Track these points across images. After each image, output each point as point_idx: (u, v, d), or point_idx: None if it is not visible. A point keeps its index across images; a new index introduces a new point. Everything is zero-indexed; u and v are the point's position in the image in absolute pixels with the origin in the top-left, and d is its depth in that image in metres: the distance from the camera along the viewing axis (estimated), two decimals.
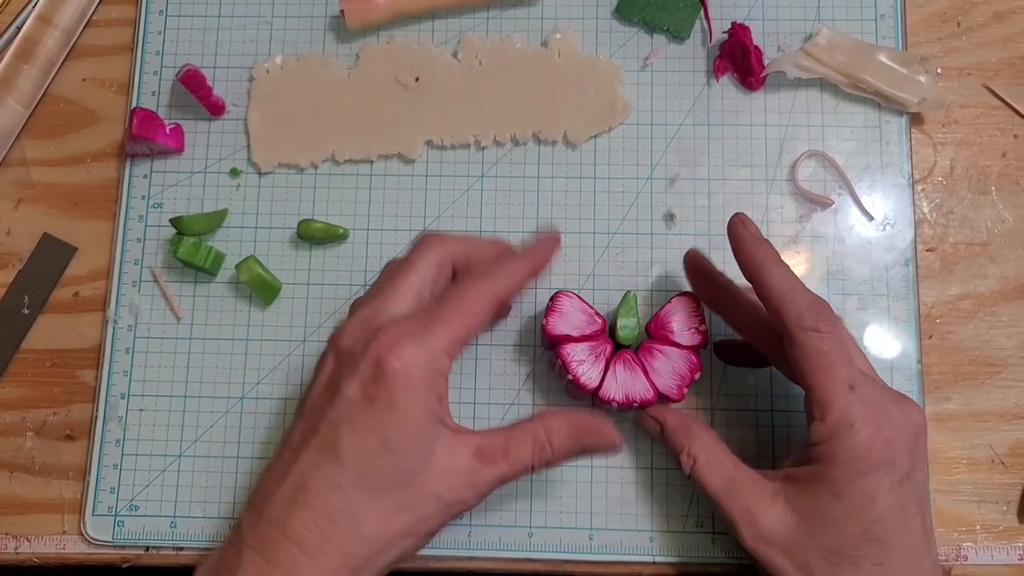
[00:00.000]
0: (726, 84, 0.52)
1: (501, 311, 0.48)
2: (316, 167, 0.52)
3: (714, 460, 0.42)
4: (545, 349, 0.49)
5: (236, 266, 0.50)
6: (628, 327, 0.46)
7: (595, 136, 0.52)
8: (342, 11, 0.52)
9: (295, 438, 0.39)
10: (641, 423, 0.46)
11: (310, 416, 0.39)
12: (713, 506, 0.42)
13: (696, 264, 0.46)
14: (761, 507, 0.40)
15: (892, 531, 0.38)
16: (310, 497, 0.37)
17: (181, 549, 0.48)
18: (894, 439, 0.38)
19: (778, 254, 0.42)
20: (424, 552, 0.47)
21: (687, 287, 0.49)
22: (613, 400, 0.44)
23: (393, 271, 0.42)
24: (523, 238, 0.50)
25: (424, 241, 0.43)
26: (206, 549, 0.48)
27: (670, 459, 0.47)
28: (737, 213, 0.43)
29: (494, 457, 0.39)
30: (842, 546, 0.38)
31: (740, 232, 0.42)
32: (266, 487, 0.39)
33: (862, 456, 0.38)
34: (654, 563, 0.47)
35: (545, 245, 0.44)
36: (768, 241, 0.42)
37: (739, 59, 0.51)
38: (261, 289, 0.50)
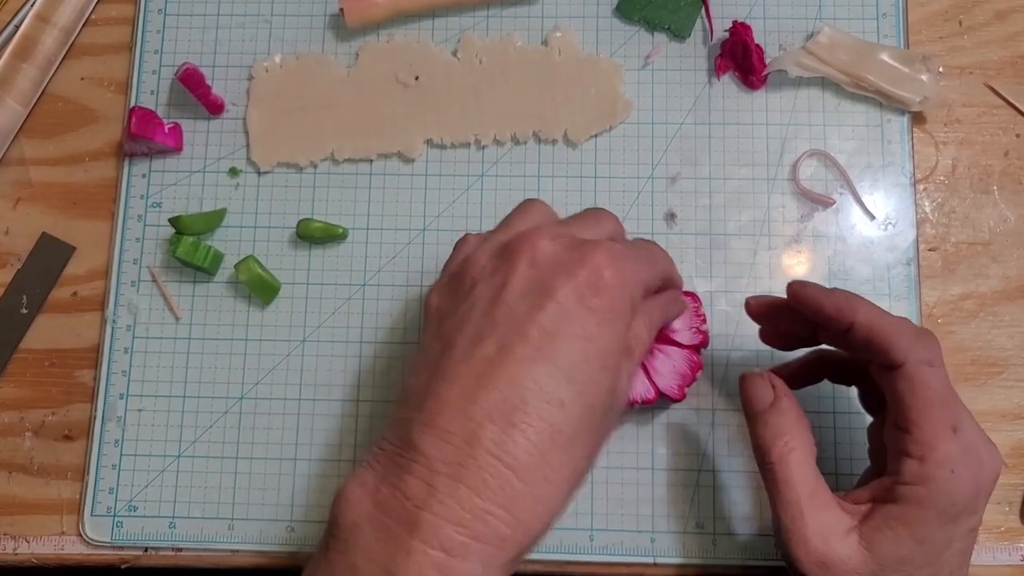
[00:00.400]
0: (727, 83, 0.52)
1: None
2: (315, 166, 0.52)
3: (809, 462, 0.39)
4: None
5: (235, 266, 0.49)
6: None
7: (596, 135, 0.51)
8: (341, 9, 0.52)
9: (486, 349, 0.34)
10: (750, 386, 0.41)
11: (506, 324, 0.34)
12: (781, 507, 0.38)
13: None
14: (835, 534, 0.37)
15: (954, 575, 0.37)
16: (529, 416, 0.33)
17: (180, 550, 0.48)
18: (982, 486, 0.37)
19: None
20: None
21: (688, 287, 0.49)
22: None
23: (585, 216, 0.41)
24: None
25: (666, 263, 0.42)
26: (205, 550, 0.47)
27: (671, 460, 0.47)
28: (791, 282, 0.41)
29: (631, 348, 0.38)
30: None
31: (808, 291, 0.41)
32: (456, 404, 0.33)
33: (956, 504, 0.36)
34: (655, 564, 0.46)
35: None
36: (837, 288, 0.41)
37: (740, 58, 0.51)
38: (260, 289, 0.50)
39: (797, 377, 0.45)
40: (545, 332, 0.34)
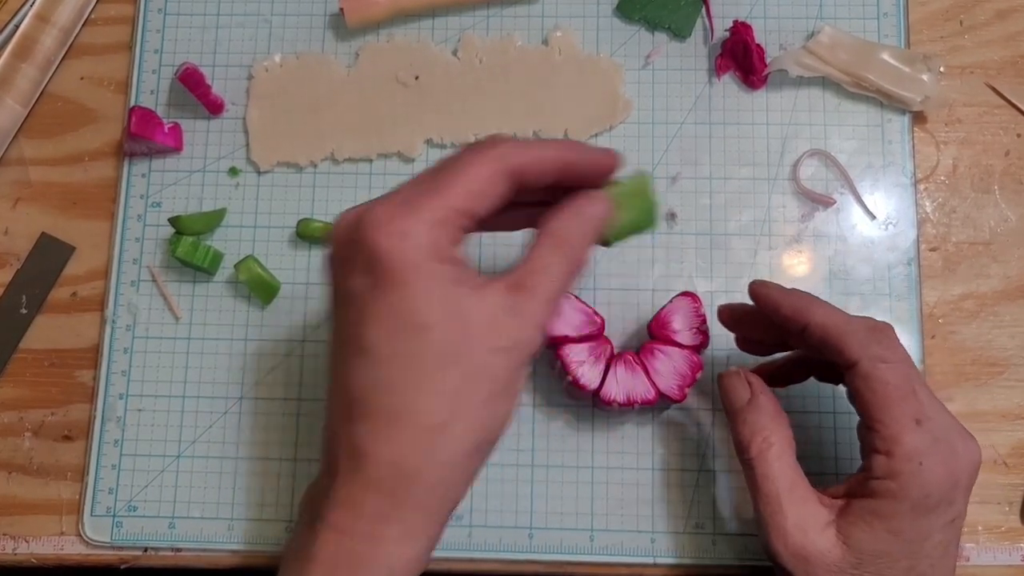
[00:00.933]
0: (728, 83, 0.52)
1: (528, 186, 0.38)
2: (315, 166, 0.52)
3: (787, 457, 0.40)
4: (545, 349, 0.48)
5: (235, 265, 0.49)
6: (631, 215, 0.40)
7: (596, 135, 0.51)
8: (341, 9, 0.52)
9: (330, 364, 0.37)
10: (728, 385, 0.42)
11: (336, 329, 0.36)
12: (761, 501, 0.39)
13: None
14: (813, 527, 0.38)
15: (935, 568, 0.37)
16: (361, 406, 0.34)
17: (180, 550, 0.48)
18: (958, 478, 0.37)
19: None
20: None
21: (688, 287, 0.49)
22: (614, 401, 0.44)
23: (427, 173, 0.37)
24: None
25: (493, 148, 0.36)
26: (205, 550, 0.47)
27: (671, 460, 0.47)
28: (752, 282, 0.42)
29: (526, 282, 0.36)
30: None
31: (768, 290, 0.41)
32: (326, 417, 0.37)
33: (929, 495, 0.37)
34: (655, 564, 0.46)
35: (601, 151, 0.39)
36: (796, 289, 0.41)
37: (741, 57, 0.51)
38: (260, 289, 0.49)
39: (782, 375, 0.45)
40: (351, 324, 0.35)
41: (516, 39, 0.53)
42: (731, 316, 0.44)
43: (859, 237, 0.50)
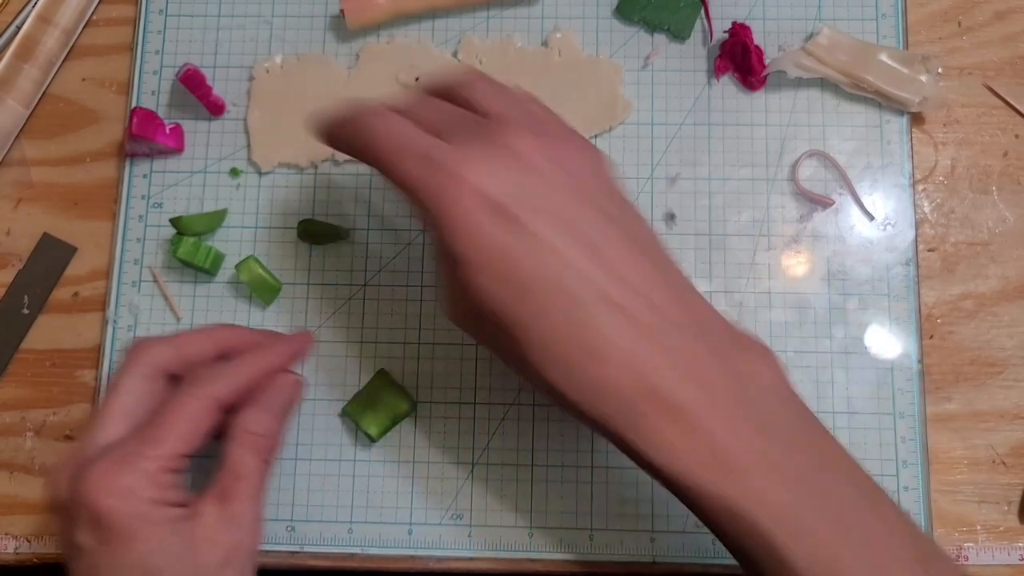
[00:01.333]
0: (727, 84, 0.52)
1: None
2: (316, 167, 0.52)
3: None
4: None
5: (236, 266, 0.49)
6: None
7: (595, 136, 0.52)
8: (342, 10, 0.52)
9: None
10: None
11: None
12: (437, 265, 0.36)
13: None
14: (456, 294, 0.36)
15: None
16: None
17: None
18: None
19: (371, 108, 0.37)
20: (423, 552, 0.47)
21: None
22: None
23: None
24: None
25: (129, 354, 0.41)
26: None
27: None
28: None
29: (231, 489, 0.39)
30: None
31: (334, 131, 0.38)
32: None
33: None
34: (654, 563, 0.46)
35: (287, 341, 0.43)
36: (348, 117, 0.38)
37: (740, 59, 0.51)
38: (261, 289, 0.50)
39: None
40: None
41: (516, 40, 0.53)
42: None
43: (858, 237, 0.50)
